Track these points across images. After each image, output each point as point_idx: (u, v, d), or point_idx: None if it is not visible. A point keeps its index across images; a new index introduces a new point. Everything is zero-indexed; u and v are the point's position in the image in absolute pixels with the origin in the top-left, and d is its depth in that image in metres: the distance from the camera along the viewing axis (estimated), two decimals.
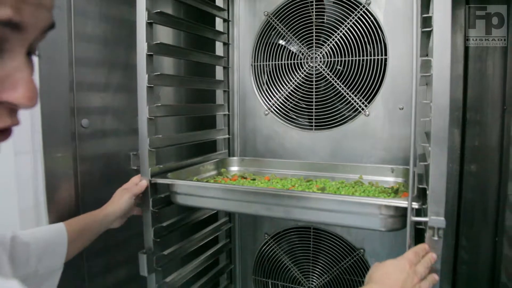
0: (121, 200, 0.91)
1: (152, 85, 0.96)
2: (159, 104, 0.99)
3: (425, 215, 0.71)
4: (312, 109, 1.21)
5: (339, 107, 1.18)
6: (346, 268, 1.22)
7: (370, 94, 1.13)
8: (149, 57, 0.94)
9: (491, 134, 1.12)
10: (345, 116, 1.18)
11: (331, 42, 1.16)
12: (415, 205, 0.70)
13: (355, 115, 1.16)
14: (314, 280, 1.29)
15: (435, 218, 0.68)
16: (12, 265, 0.70)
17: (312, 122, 1.22)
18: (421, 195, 0.76)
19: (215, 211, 1.25)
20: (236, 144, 1.32)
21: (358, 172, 1.09)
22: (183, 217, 1.10)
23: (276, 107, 1.27)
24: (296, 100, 1.24)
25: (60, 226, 0.79)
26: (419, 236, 0.80)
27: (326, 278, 1.26)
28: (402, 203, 0.72)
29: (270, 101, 1.27)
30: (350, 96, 1.16)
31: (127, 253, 1.10)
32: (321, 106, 1.20)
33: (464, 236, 1.16)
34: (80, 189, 0.98)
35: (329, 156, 1.20)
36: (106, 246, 1.04)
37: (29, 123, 0.86)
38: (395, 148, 1.12)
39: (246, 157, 1.30)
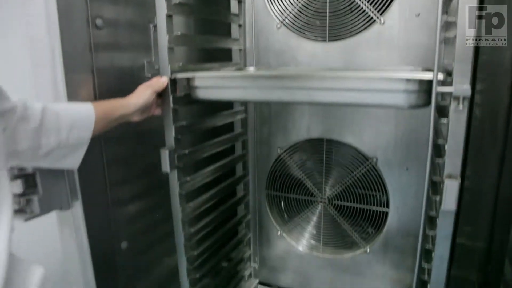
0: (143, 93, 0.92)
1: None
2: (177, 2, 0.98)
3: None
4: (325, 20, 1.20)
5: (353, 17, 1.17)
6: (358, 177, 1.25)
7: (385, 1, 1.12)
8: None
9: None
10: (359, 26, 1.17)
11: None
12: (441, 76, 0.71)
13: (370, 24, 1.15)
14: (327, 191, 1.33)
15: (461, 86, 0.69)
16: (44, 134, 0.72)
17: (325, 34, 1.21)
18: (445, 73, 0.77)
19: (231, 121, 1.27)
20: (251, 57, 1.31)
21: None
22: (201, 120, 1.11)
23: (288, 20, 1.25)
24: (309, 12, 1.22)
25: (88, 103, 0.82)
26: (441, 115, 0.82)
27: (338, 188, 1.30)
28: (427, 75, 0.73)
29: (282, 14, 1.26)
30: (364, 4, 1.14)
31: (145, 165, 1.13)
32: (335, 16, 1.19)
33: (471, 167, 1.16)
34: (98, 99, 0.99)
35: (343, 68, 1.20)
36: (125, 157, 1.08)
37: (47, 38, 0.86)
38: (411, 56, 1.12)
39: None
